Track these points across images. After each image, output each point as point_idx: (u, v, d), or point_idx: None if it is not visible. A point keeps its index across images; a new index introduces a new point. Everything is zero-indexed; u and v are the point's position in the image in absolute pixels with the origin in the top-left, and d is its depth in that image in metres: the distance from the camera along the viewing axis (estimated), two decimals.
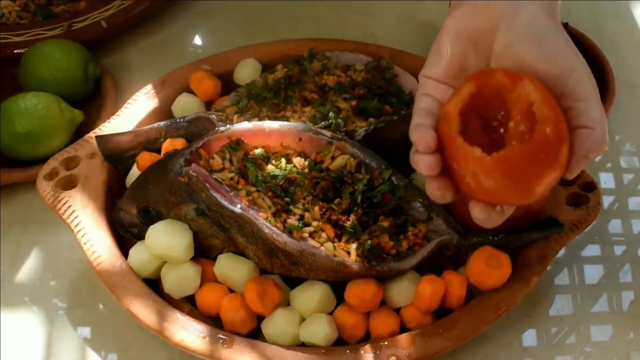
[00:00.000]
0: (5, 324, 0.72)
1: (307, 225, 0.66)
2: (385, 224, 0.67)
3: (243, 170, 0.69)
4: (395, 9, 1.02)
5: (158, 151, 0.76)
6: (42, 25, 0.92)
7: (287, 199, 0.68)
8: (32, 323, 0.72)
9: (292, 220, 0.66)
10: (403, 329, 0.67)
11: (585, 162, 0.55)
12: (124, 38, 0.96)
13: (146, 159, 0.75)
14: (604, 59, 0.90)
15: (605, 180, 0.84)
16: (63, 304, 0.73)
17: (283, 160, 0.70)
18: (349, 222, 0.67)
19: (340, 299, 0.68)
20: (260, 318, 0.68)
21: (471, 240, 0.69)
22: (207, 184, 0.66)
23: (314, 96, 0.76)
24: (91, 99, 0.88)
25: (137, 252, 0.70)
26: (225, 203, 0.66)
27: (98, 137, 0.77)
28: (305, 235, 0.66)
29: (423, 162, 0.55)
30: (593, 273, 0.76)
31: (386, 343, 0.65)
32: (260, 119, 0.75)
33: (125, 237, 0.72)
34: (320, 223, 0.67)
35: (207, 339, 0.65)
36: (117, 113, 0.81)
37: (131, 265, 0.69)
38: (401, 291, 0.67)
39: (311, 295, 0.67)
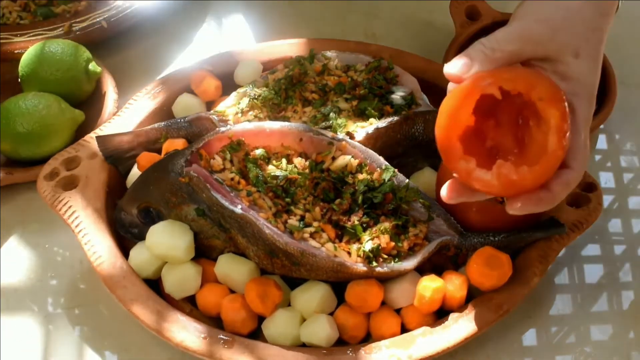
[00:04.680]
0: (5, 324, 0.72)
1: (308, 225, 0.67)
2: (386, 224, 0.67)
3: (244, 171, 0.69)
4: (396, 9, 1.02)
5: (159, 151, 0.76)
6: (42, 26, 0.92)
7: (287, 200, 0.68)
8: (32, 323, 0.72)
9: (293, 221, 0.66)
10: (404, 329, 0.67)
11: (558, 201, 0.59)
12: (124, 38, 0.96)
13: (147, 159, 0.75)
14: (604, 59, 0.89)
15: (606, 180, 0.84)
16: (63, 304, 0.73)
17: (284, 161, 0.70)
18: (349, 223, 0.67)
19: (340, 300, 0.68)
20: (261, 318, 0.68)
21: (472, 241, 0.69)
22: (207, 185, 0.66)
23: (315, 96, 0.76)
24: (92, 99, 0.88)
25: (138, 253, 0.70)
26: (226, 203, 0.66)
27: (99, 137, 0.77)
28: (306, 235, 0.66)
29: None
30: (593, 273, 0.76)
31: (387, 344, 0.65)
32: (261, 120, 0.75)
33: (126, 237, 0.72)
34: (321, 223, 0.67)
35: (208, 339, 0.65)
36: (118, 113, 0.81)
37: (132, 266, 0.69)
38: (402, 292, 0.67)
39: (312, 296, 0.67)
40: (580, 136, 0.59)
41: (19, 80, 0.86)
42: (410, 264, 0.67)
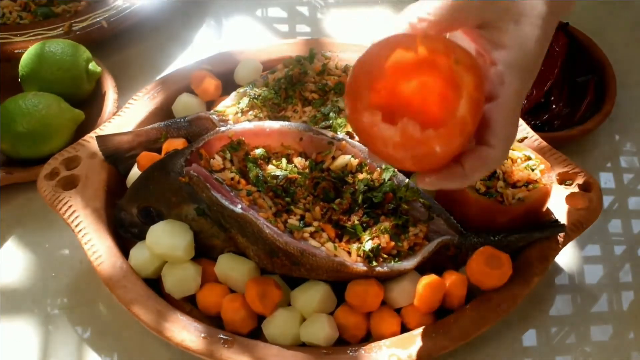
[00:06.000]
0: (5, 324, 0.72)
1: (308, 225, 0.67)
2: (386, 224, 0.67)
3: (244, 170, 0.69)
4: (396, 9, 1.02)
5: (159, 151, 0.76)
6: (42, 25, 0.92)
7: (287, 199, 0.68)
8: (32, 323, 0.72)
9: (293, 221, 0.66)
10: (404, 329, 0.67)
11: (472, 179, 0.55)
12: (124, 38, 0.96)
13: (147, 159, 0.75)
14: (604, 58, 0.90)
15: (605, 180, 0.84)
16: (63, 304, 0.73)
17: (284, 160, 0.70)
18: (349, 222, 0.67)
19: (341, 299, 0.68)
20: (261, 318, 0.68)
21: (472, 241, 0.69)
22: (207, 184, 0.66)
23: (315, 96, 0.76)
24: (92, 99, 0.88)
25: (138, 252, 0.70)
26: (226, 203, 0.66)
27: (98, 137, 0.77)
28: (306, 235, 0.66)
29: None
30: (593, 273, 0.76)
31: (387, 343, 0.65)
32: (261, 119, 0.75)
33: (126, 237, 0.72)
34: (321, 223, 0.67)
35: (208, 339, 0.65)
36: (118, 113, 0.81)
37: (132, 265, 0.69)
38: (402, 291, 0.67)
39: (312, 296, 0.67)
40: (506, 111, 0.53)
41: (19, 80, 0.86)
42: (410, 263, 0.67)
